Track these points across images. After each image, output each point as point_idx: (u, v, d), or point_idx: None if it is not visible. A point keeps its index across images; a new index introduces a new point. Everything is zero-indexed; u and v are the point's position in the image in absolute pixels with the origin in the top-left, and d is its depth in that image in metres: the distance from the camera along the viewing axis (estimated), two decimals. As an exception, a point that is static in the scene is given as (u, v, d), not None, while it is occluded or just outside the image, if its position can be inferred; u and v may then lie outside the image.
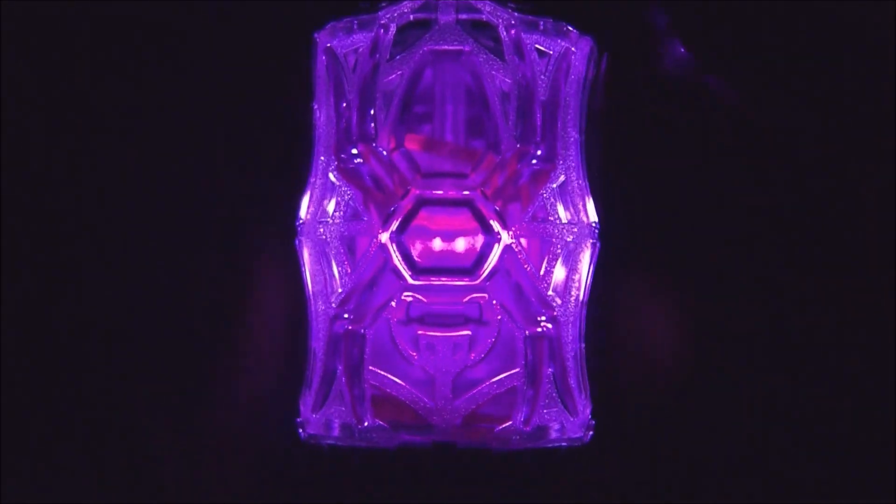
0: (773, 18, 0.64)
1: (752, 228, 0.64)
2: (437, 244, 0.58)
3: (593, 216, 0.59)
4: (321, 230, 0.58)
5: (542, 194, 0.58)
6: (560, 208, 0.58)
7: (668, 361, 0.64)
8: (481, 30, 0.58)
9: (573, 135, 0.59)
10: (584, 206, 0.59)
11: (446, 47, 0.57)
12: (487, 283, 0.57)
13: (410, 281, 0.57)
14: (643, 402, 0.64)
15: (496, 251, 0.57)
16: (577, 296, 0.59)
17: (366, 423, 0.57)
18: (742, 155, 0.64)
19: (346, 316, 0.58)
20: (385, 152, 0.57)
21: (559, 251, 0.58)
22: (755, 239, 0.64)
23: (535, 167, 0.58)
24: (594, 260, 0.60)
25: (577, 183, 0.59)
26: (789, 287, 0.64)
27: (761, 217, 0.64)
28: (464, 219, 0.57)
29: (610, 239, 0.60)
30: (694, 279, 0.64)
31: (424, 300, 0.57)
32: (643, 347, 0.64)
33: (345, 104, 0.58)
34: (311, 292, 0.59)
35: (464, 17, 0.58)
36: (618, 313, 0.63)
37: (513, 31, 0.58)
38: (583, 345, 0.60)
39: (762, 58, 0.64)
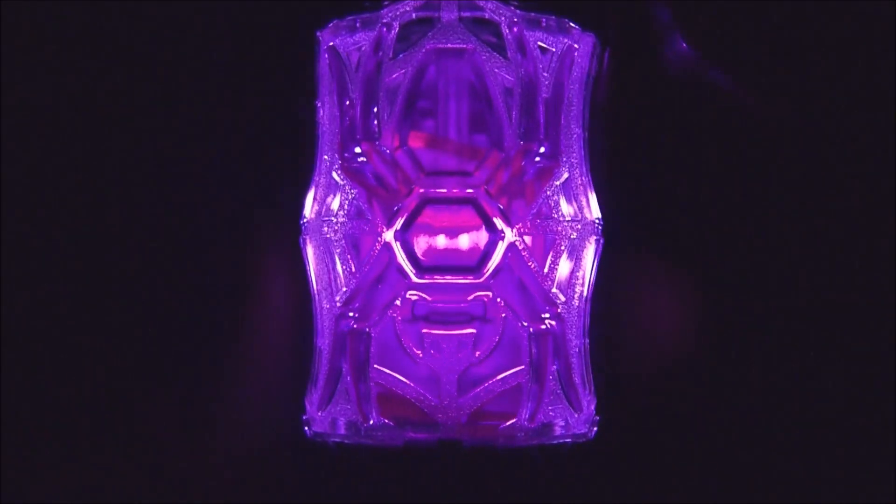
0: (776, 12, 0.64)
1: (756, 223, 0.64)
2: (442, 242, 0.58)
3: (597, 212, 0.60)
4: (325, 229, 0.58)
5: (545, 191, 0.58)
6: (563, 205, 0.58)
7: (671, 357, 0.64)
8: (483, 26, 0.58)
9: (576, 131, 0.59)
10: (588, 202, 0.59)
11: (449, 45, 0.57)
12: (492, 280, 0.57)
13: (415, 279, 0.57)
14: (647, 397, 0.64)
15: (500, 249, 0.57)
16: (581, 292, 0.59)
17: (371, 421, 0.58)
18: (745, 150, 0.64)
19: (351, 315, 0.58)
20: (388, 150, 0.58)
21: (563, 248, 0.58)
22: (759, 233, 0.64)
23: (539, 164, 0.58)
24: (598, 256, 0.60)
25: (581, 179, 0.59)
26: (795, 282, 0.64)
27: (765, 212, 0.64)
28: (468, 217, 0.57)
29: (613, 234, 0.60)
30: (697, 274, 0.64)
31: (429, 298, 0.57)
32: (647, 343, 0.64)
33: (348, 102, 0.58)
34: (315, 290, 0.59)
35: (466, 14, 0.58)
36: (621, 309, 0.64)
37: (515, 29, 0.58)
38: (587, 341, 0.60)
39: (766, 52, 0.64)
